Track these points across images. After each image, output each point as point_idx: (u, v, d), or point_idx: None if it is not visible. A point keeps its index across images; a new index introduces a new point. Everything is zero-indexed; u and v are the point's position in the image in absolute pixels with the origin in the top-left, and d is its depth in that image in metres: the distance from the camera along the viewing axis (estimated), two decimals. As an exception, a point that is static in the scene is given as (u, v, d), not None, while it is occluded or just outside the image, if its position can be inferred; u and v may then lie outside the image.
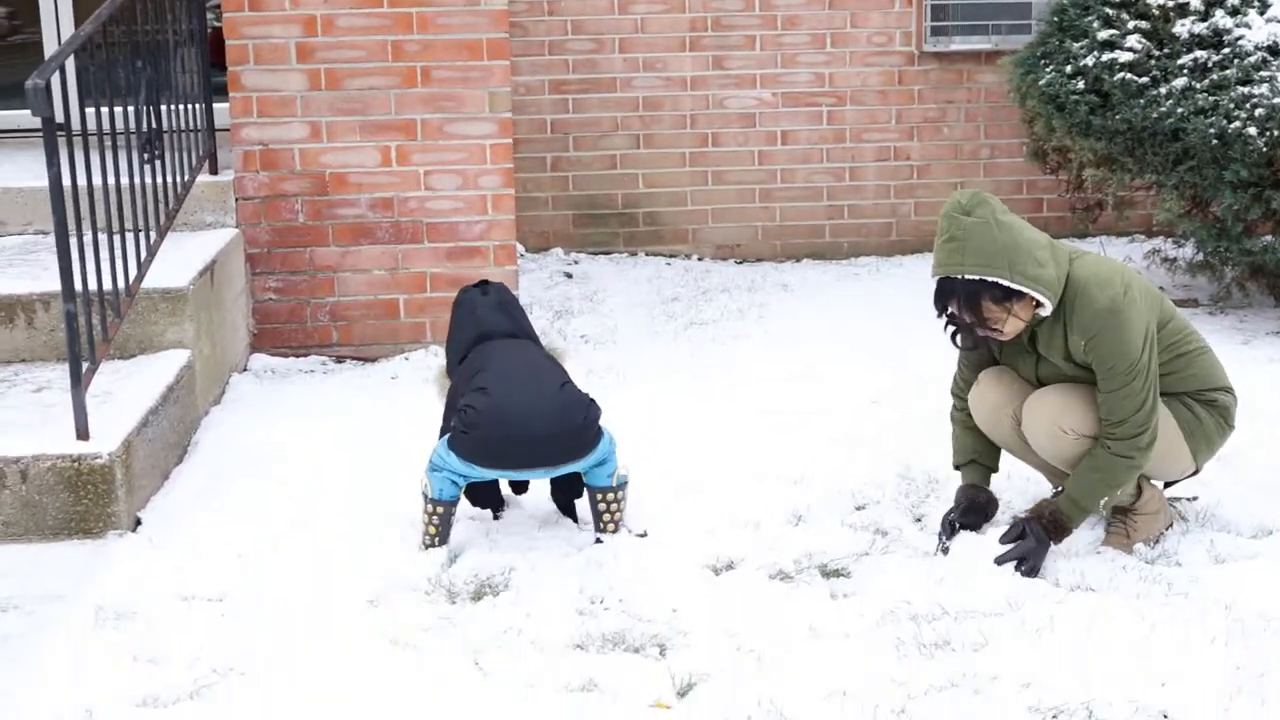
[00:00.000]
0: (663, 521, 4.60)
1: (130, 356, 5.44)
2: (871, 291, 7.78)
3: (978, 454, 4.59)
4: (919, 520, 4.61)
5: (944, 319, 4.38)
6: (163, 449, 5.07)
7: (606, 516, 4.52)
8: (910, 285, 7.77)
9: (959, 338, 4.44)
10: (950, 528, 4.44)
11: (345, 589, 4.18)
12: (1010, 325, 4.24)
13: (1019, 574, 4.20)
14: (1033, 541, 4.26)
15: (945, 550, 4.36)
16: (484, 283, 4.93)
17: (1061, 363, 4.31)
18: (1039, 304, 4.21)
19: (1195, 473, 4.55)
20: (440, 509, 4.39)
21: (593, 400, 4.47)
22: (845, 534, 4.49)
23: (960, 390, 4.63)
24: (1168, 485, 4.58)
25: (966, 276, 4.17)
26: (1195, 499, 4.65)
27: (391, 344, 6.60)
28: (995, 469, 4.61)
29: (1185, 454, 4.42)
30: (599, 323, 7.18)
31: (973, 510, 4.50)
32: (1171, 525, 4.48)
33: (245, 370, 6.37)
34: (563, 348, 5.11)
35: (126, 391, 5.07)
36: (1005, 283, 4.14)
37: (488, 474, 4.42)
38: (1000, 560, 4.25)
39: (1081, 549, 4.37)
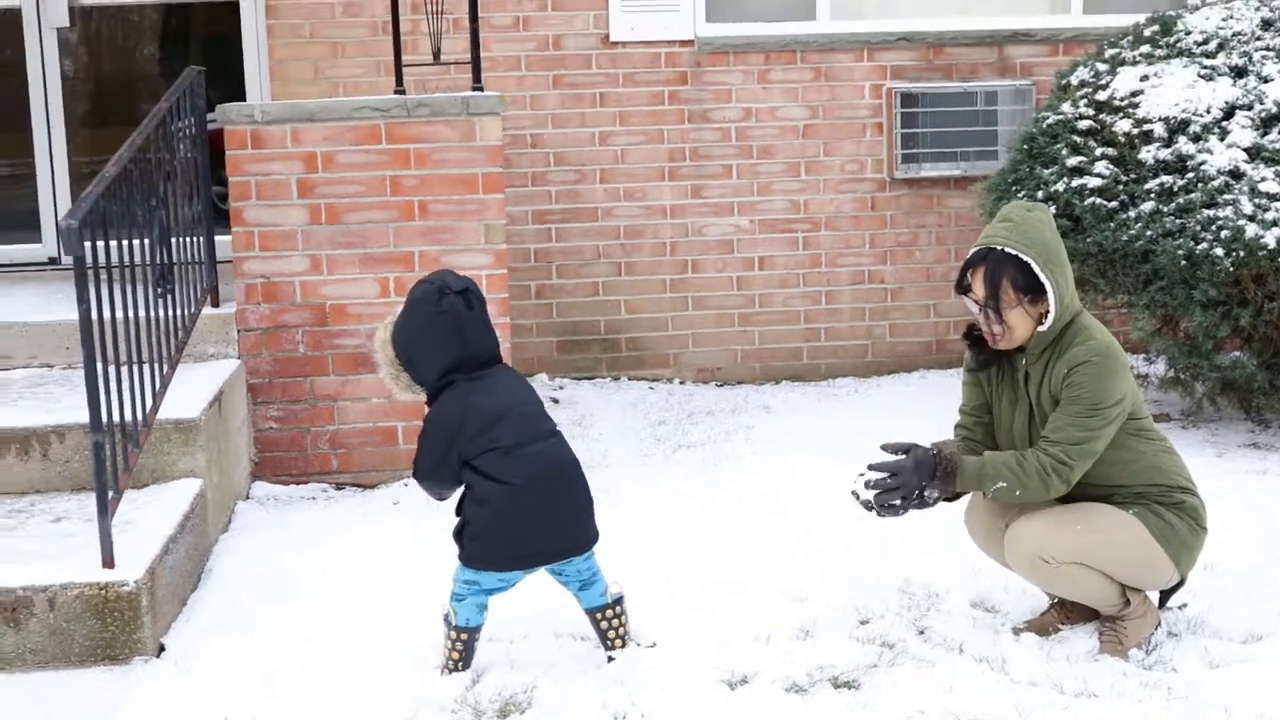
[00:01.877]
0: (674, 637, 4.74)
1: (143, 486, 5.57)
2: (852, 411, 7.98)
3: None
4: (922, 633, 4.77)
5: (964, 327, 4.67)
6: (181, 576, 5.19)
7: (612, 634, 4.65)
8: (890, 403, 8.02)
9: (969, 352, 4.68)
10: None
11: (373, 710, 4.29)
12: (1014, 320, 4.46)
13: (867, 498, 4.49)
14: (911, 463, 4.47)
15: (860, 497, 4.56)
16: (464, 292, 4.51)
17: (1049, 408, 4.52)
18: (1043, 319, 4.45)
19: (1181, 582, 4.74)
20: (465, 635, 4.51)
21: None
22: (853, 647, 4.64)
23: (962, 422, 4.83)
24: (1163, 600, 4.77)
25: (1006, 250, 4.42)
26: (1185, 606, 4.83)
27: (390, 470, 6.75)
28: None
29: (1165, 561, 4.59)
30: (589, 447, 7.33)
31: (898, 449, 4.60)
32: (1160, 624, 4.66)
33: (249, 498, 6.50)
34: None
35: (145, 520, 5.20)
36: (1036, 269, 4.39)
37: (517, 577, 4.52)
38: (873, 466, 4.51)
39: (1080, 657, 4.54)
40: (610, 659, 4.62)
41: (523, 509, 4.40)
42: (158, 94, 8.05)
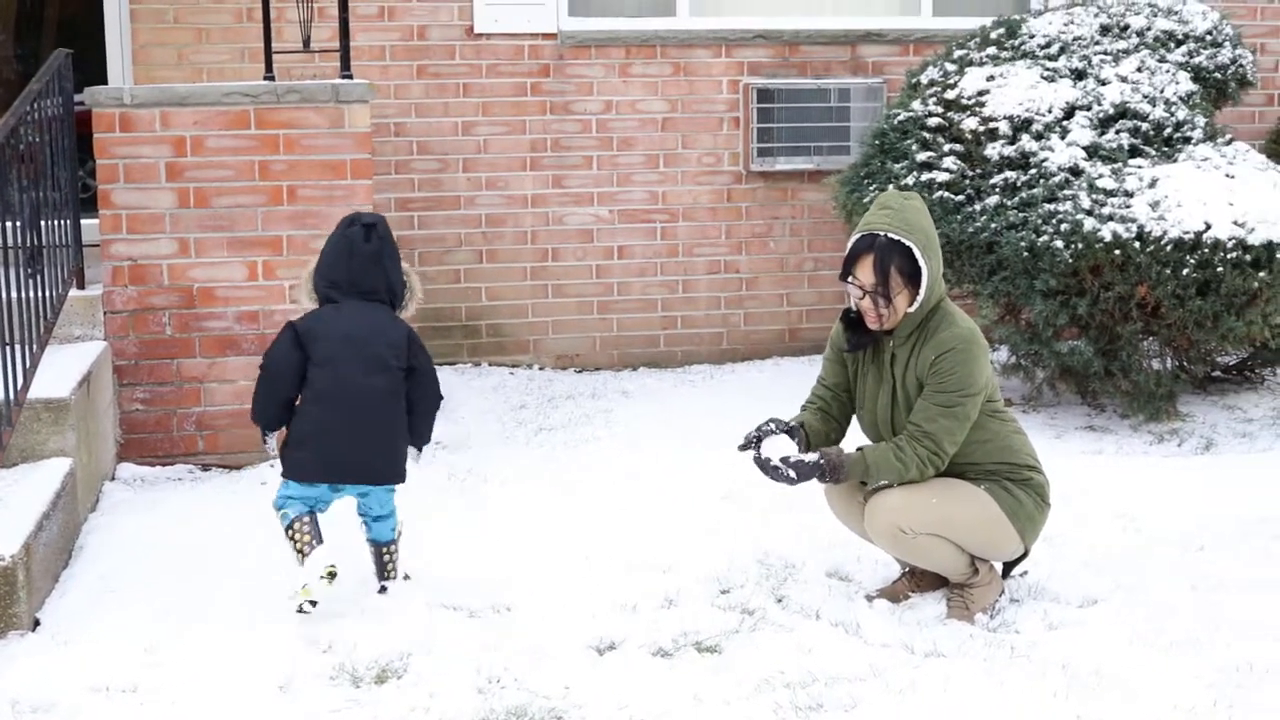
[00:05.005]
0: (543, 607, 4.92)
1: (13, 465, 5.59)
2: (708, 396, 8.22)
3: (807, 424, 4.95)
4: (780, 601, 4.99)
5: (846, 302, 4.84)
6: (54, 553, 5.24)
7: (390, 567, 5.10)
8: (743, 388, 8.26)
9: (843, 333, 4.87)
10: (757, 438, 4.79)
11: (253, 677, 4.39)
12: (900, 303, 4.67)
13: (770, 467, 4.69)
14: (812, 461, 4.68)
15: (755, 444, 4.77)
16: (370, 226, 5.03)
17: (913, 390, 4.75)
18: (911, 303, 4.67)
19: (1025, 554, 5.02)
20: (299, 521, 4.87)
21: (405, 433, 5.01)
22: (715, 614, 4.85)
23: (811, 401, 5.05)
24: (1006, 569, 5.05)
25: (889, 236, 4.64)
26: (1026, 574, 5.12)
27: (258, 452, 6.78)
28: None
29: (1013, 534, 4.86)
30: (452, 429, 7.46)
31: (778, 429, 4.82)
32: (1004, 591, 4.94)
33: (115, 479, 6.53)
34: (415, 284, 5.22)
35: (17, 497, 5.23)
36: (916, 254, 4.62)
37: (321, 489, 4.94)
38: (786, 461, 4.67)
39: (929, 621, 4.80)
40: (383, 589, 5.05)
41: (328, 426, 4.83)
42: (10, 79, 8.04)
